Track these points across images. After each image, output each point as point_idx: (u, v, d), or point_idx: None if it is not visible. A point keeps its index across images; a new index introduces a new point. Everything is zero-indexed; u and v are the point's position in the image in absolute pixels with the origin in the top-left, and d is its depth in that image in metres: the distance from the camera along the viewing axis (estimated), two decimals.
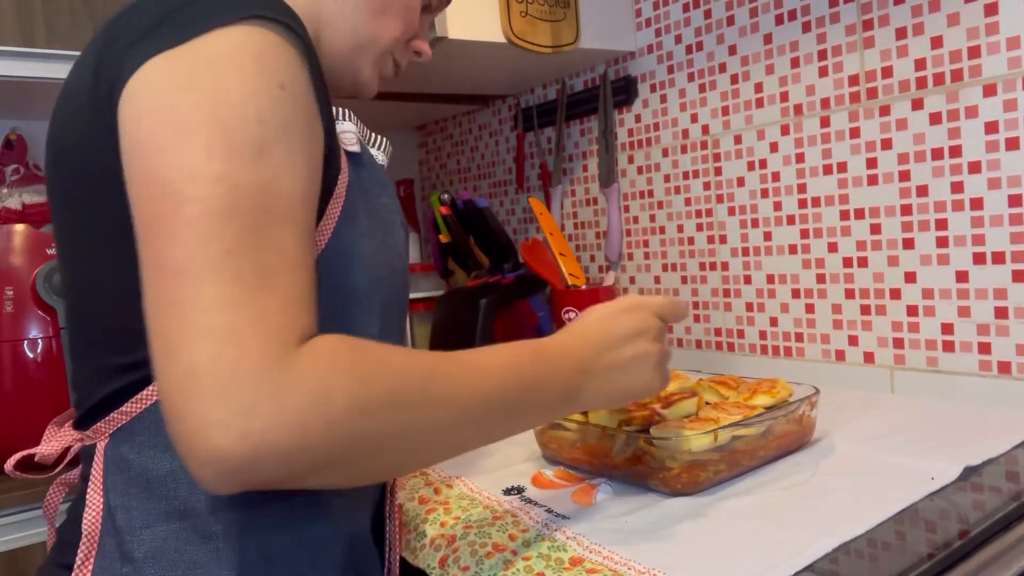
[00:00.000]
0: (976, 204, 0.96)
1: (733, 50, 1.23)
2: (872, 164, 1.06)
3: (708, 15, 1.26)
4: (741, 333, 1.27)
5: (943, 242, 1.00)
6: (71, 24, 1.28)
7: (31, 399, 1.12)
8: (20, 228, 1.18)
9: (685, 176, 1.34)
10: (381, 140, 0.69)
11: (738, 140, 1.24)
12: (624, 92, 1.42)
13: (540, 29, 1.26)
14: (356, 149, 0.62)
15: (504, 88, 1.67)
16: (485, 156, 1.86)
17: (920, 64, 1.00)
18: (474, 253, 1.58)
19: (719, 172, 1.28)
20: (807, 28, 1.12)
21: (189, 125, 0.45)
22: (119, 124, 0.47)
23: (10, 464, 0.58)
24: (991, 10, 0.93)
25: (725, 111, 1.25)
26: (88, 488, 0.53)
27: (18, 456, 0.58)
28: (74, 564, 0.52)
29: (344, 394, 0.44)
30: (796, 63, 1.14)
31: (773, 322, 1.22)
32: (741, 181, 1.24)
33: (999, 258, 0.95)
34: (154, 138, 0.45)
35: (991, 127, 0.94)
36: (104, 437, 0.53)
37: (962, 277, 0.98)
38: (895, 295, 1.06)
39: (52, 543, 0.60)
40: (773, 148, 1.19)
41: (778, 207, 1.19)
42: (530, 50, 1.26)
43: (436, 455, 0.54)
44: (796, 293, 1.18)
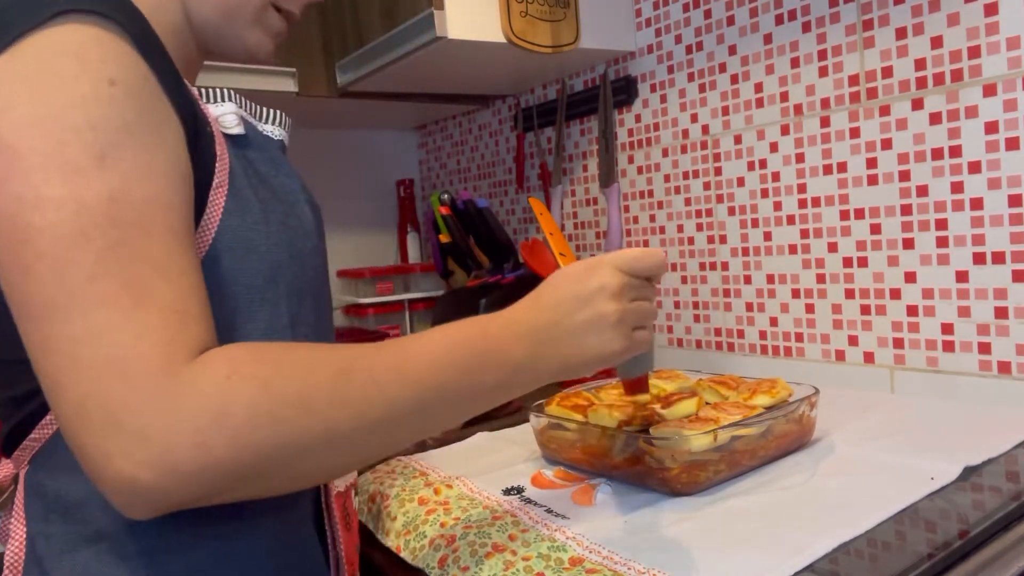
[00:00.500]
0: (976, 204, 0.96)
1: (733, 50, 1.23)
2: (872, 164, 1.06)
3: (708, 15, 1.26)
4: (741, 333, 1.27)
5: (943, 242, 1.00)
6: None
7: None
8: None
9: (685, 176, 1.34)
10: (276, 115, 0.65)
11: (738, 140, 1.24)
12: (624, 92, 1.42)
13: (540, 29, 1.26)
14: (239, 131, 0.58)
15: (504, 88, 1.67)
16: (485, 156, 1.86)
17: (920, 64, 1.00)
18: (474, 253, 1.58)
19: (719, 172, 1.28)
20: (807, 28, 1.12)
21: (17, 149, 0.42)
22: None
23: None
24: (991, 10, 0.93)
25: (725, 111, 1.25)
26: (12, 517, 0.52)
27: None
28: None
29: (244, 404, 0.42)
30: (796, 63, 1.14)
31: (773, 322, 1.22)
32: (741, 181, 1.24)
33: (999, 258, 0.95)
34: None
35: (991, 127, 0.94)
36: (24, 465, 0.52)
37: (962, 277, 0.98)
38: (895, 295, 1.06)
39: None
40: (773, 148, 1.19)
41: (778, 207, 1.19)
42: (530, 50, 1.26)
43: (369, 453, 0.50)
44: (796, 293, 1.18)
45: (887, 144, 1.04)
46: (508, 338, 0.54)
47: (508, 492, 0.80)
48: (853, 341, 1.12)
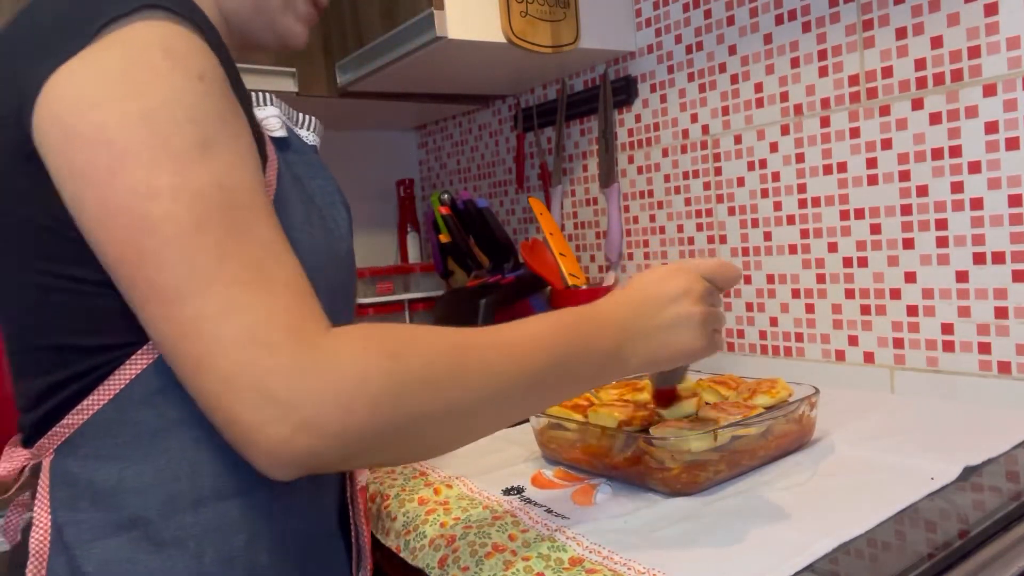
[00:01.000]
0: (976, 204, 0.96)
1: (733, 50, 1.23)
2: (872, 164, 1.06)
3: (708, 15, 1.26)
4: (741, 333, 1.27)
5: (943, 242, 1.00)
6: None
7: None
8: None
9: (685, 176, 1.34)
10: (309, 120, 0.67)
11: (738, 140, 1.24)
12: (624, 92, 1.42)
13: (540, 29, 1.26)
14: (282, 134, 0.60)
15: (504, 88, 1.67)
16: (485, 156, 1.86)
17: (920, 64, 1.00)
18: (474, 253, 1.58)
19: (719, 172, 1.28)
20: (807, 28, 1.12)
21: (125, 144, 0.43)
22: (39, 145, 0.45)
23: None
24: (991, 10, 0.93)
25: (725, 111, 1.25)
26: (36, 506, 0.52)
27: None
28: None
29: (381, 372, 0.45)
30: (796, 63, 1.14)
31: (773, 322, 1.22)
32: (741, 181, 1.24)
33: (999, 258, 0.95)
34: (94, 165, 0.44)
35: (991, 127, 0.94)
36: (49, 453, 0.52)
37: (962, 277, 0.98)
38: (895, 295, 1.06)
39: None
40: (773, 148, 1.19)
41: (778, 207, 1.19)
42: (530, 50, 1.26)
43: (483, 427, 0.54)
44: (796, 293, 1.18)
45: (887, 144, 1.04)
46: (599, 331, 0.59)
47: (508, 492, 0.80)
48: (853, 341, 1.12)
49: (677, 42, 1.32)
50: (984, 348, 0.97)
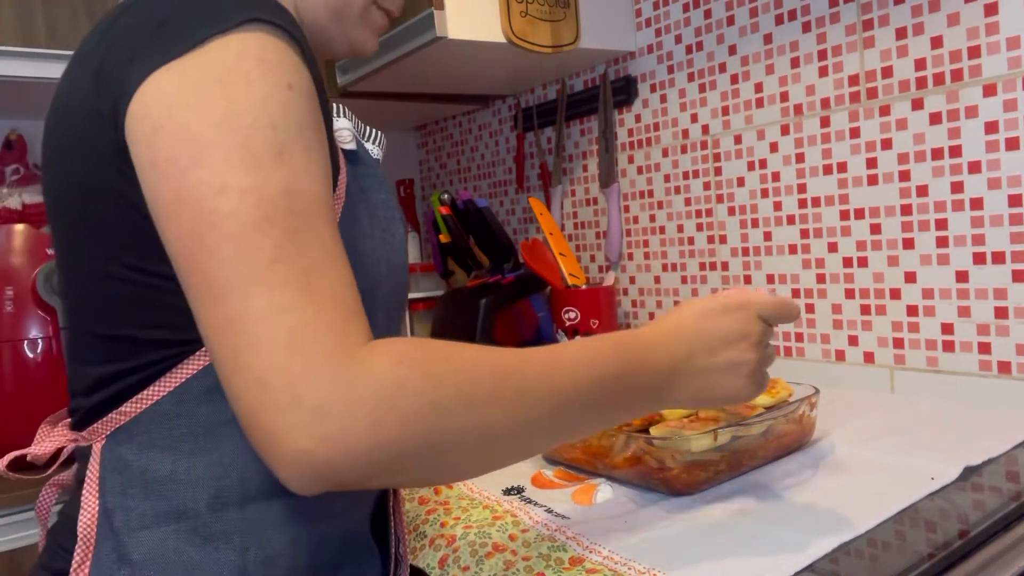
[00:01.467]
0: (976, 204, 0.96)
1: (733, 50, 1.23)
2: (872, 164, 1.06)
3: (708, 15, 1.26)
4: None
5: (943, 242, 1.00)
6: (71, 24, 1.28)
7: (31, 399, 1.12)
8: (20, 228, 1.18)
9: (685, 176, 1.34)
10: (376, 134, 0.68)
11: (738, 140, 1.24)
12: (624, 92, 1.42)
13: (540, 29, 1.26)
14: (352, 146, 0.61)
15: (504, 88, 1.67)
16: (485, 156, 1.86)
17: (920, 64, 1.00)
18: (474, 253, 1.58)
19: (719, 172, 1.28)
20: (807, 28, 1.12)
21: (206, 141, 0.45)
22: (128, 140, 0.47)
23: (2, 464, 0.57)
24: (991, 10, 0.93)
25: (725, 111, 1.25)
26: (83, 490, 0.53)
27: (10, 456, 0.58)
28: (66, 570, 0.52)
29: (414, 390, 0.44)
30: (796, 63, 1.14)
31: None
32: (741, 181, 1.24)
33: (999, 258, 0.95)
34: (174, 159, 0.45)
35: (991, 127, 0.94)
36: (101, 438, 0.53)
37: (962, 277, 0.98)
38: (895, 295, 1.06)
39: (43, 546, 0.59)
40: (773, 148, 1.19)
41: (778, 207, 1.19)
42: (530, 50, 1.26)
43: (513, 454, 0.53)
44: (796, 293, 1.18)
45: (887, 144, 1.04)
46: (644, 366, 0.56)
47: (508, 492, 0.80)
48: (853, 341, 1.12)
49: (677, 42, 1.32)
50: (984, 348, 0.97)
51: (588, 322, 1.38)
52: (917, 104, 1.01)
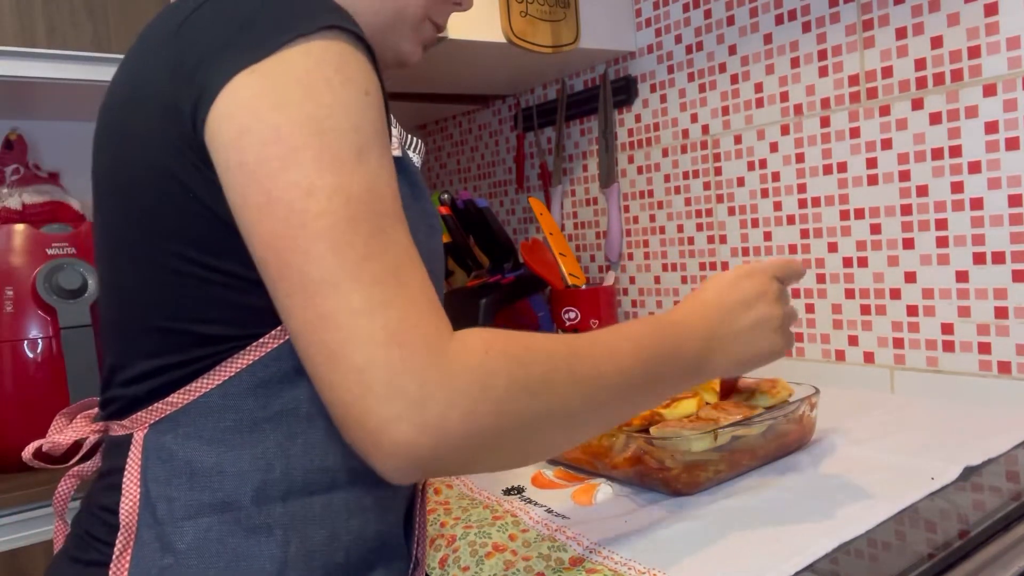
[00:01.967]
0: (976, 204, 0.96)
1: (733, 50, 1.23)
2: (872, 164, 1.06)
3: (708, 15, 1.26)
4: None
5: (943, 242, 1.00)
6: (71, 24, 1.28)
7: (31, 399, 1.12)
8: (20, 228, 1.18)
9: (685, 176, 1.34)
10: (416, 142, 0.69)
11: (738, 140, 1.24)
12: (624, 92, 1.42)
13: (540, 29, 1.26)
14: (398, 154, 0.62)
15: (504, 88, 1.67)
16: (485, 156, 1.86)
17: (920, 64, 1.00)
18: (474, 253, 1.58)
19: (719, 172, 1.28)
20: (807, 28, 1.12)
21: (294, 143, 0.47)
22: (209, 141, 0.48)
23: (28, 453, 0.58)
24: (991, 10, 0.93)
25: (725, 111, 1.25)
26: (124, 478, 0.53)
27: (35, 445, 0.58)
28: (101, 560, 0.52)
29: (504, 376, 0.47)
30: (796, 63, 1.14)
31: None
32: (741, 181, 1.24)
33: (999, 258, 0.95)
34: (263, 159, 0.47)
35: (991, 127, 0.94)
36: (143, 427, 0.53)
37: (962, 277, 0.98)
38: (895, 295, 1.06)
39: (65, 536, 0.60)
40: (773, 148, 1.19)
41: (778, 207, 1.19)
42: (530, 50, 1.26)
43: (586, 433, 0.56)
44: (796, 293, 1.18)
45: (887, 144, 1.04)
46: (684, 338, 0.60)
47: (508, 492, 0.80)
48: (853, 341, 1.12)
49: (677, 42, 1.32)
50: (984, 348, 0.97)
51: (588, 322, 1.38)
52: (917, 104, 1.01)
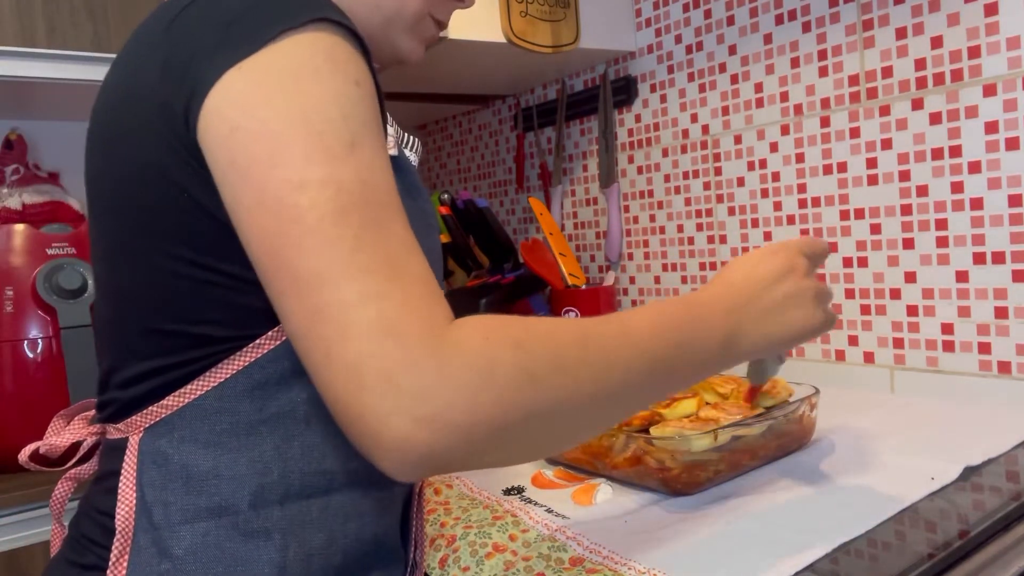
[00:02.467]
0: (976, 204, 0.96)
1: (733, 50, 1.23)
2: (872, 164, 1.06)
3: (708, 15, 1.26)
4: None
5: (943, 242, 1.00)
6: (71, 24, 1.28)
7: (31, 399, 1.12)
8: (20, 228, 1.18)
9: (685, 176, 1.34)
10: (413, 140, 0.68)
11: (738, 140, 1.24)
12: (624, 92, 1.42)
13: (540, 29, 1.26)
14: (394, 152, 0.61)
15: (504, 88, 1.67)
16: (485, 156, 1.86)
17: (920, 64, 1.00)
18: (474, 253, 1.58)
19: (719, 172, 1.28)
20: (807, 28, 1.12)
21: (284, 138, 0.46)
22: (202, 140, 0.48)
23: (24, 456, 0.58)
24: (991, 10, 0.93)
25: (725, 111, 1.25)
26: (120, 483, 0.52)
27: (31, 448, 0.58)
28: (98, 564, 0.52)
29: (507, 363, 0.44)
30: (796, 63, 1.14)
31: None
32: (741, 181, 1.24)
33: (999, 258, 0.95)
34: (253, 156, 0.46)
35: (991, 127, 0.94)
36: (138, 431, 0.53)
37: (962, 277, 0.98)
38: (895, 295, 1.06)
39: (62, 539, 0.59)
40: (773, 148, 1.19)
41: (778, 207, 1.19)
42: (530, 50, 1.26)
43: (603, 420, 0.53)
44: None
45: (887, 144, 1.04)
46: (710, 315, 0.57)
47: (508, 492, 0.80)
48: (853, 341, 1.12)
49: (677, 42, 1.32)
50: (984, 348, 0.97)
51: None
52: (917, 104, 1.01)
